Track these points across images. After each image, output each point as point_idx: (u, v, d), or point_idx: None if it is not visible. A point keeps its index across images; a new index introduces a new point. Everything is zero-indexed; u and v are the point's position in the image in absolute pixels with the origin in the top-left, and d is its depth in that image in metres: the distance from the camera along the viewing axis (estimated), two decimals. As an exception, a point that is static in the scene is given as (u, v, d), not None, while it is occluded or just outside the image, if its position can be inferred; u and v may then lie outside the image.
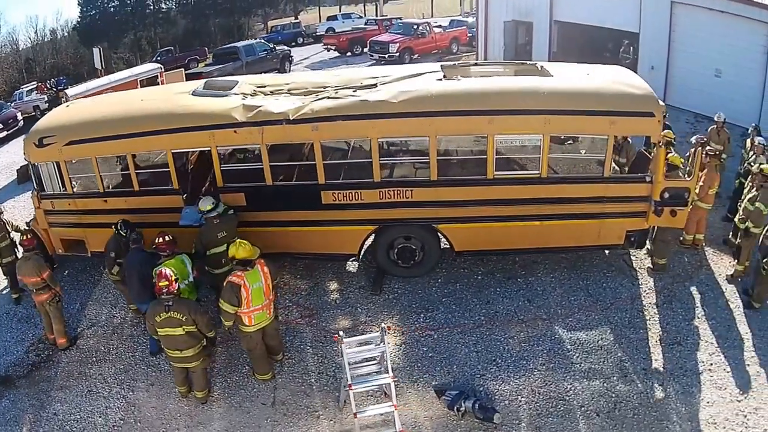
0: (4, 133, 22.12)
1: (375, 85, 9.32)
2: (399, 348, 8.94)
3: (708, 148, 10.59)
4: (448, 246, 9.95)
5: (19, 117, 23.24)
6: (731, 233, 10.85)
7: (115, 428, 7.95)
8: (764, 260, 9.25)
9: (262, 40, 32.70)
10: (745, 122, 13.41)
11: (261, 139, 8.85)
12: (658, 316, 9.59)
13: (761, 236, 9.46)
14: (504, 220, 9.39)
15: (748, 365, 8.81)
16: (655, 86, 16.41)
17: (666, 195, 9.44)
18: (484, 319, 9.41)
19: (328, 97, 9.13)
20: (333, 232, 9.44)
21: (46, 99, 24.47)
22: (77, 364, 8.92)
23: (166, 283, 7.35)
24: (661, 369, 8.70)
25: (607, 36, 18.36)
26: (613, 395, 8.32)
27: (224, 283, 7.63)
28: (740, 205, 10.25)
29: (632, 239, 9.86)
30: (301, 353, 8.90)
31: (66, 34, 48.07)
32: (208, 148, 9.08)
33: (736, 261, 10.40)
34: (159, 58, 34.79)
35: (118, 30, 46.60)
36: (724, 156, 11.92)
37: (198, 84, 10.26)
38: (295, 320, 9.47)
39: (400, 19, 34.85)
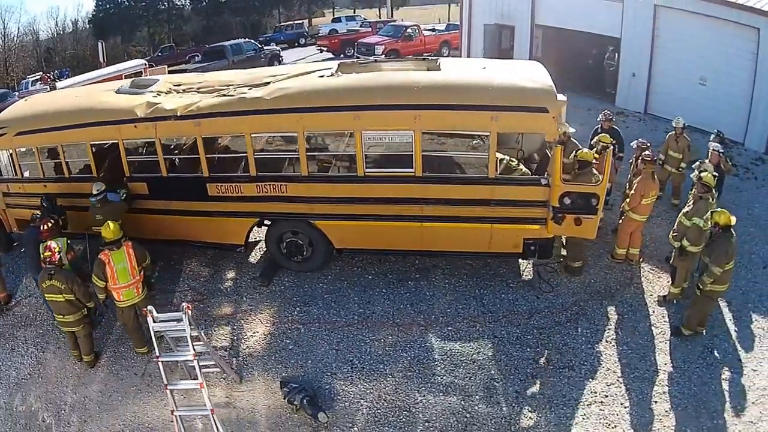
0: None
1: (268, 83, 8.39)
2: (264, 337, 8.03)
3: (645, 153, 8.41)
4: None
5: None
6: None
7: (23, 381, 8.04)
8: (700, 277, 7.21)
9: (251, 40, 30.26)
10: (730, 133, 10.80)
11: (155, 134, 8.33)
12: (556, 335, 7.80)
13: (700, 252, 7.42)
14: (380, 220, 8.11)
15: (656, 402, 6.94)
16: (637, 94, 14.28)
17: (566, 200, 7.60)
18: (356, 319, 8.19)
19: (223, 95, 8.36)
20: (219, 222, 8.69)
21: (48, 89, 23.82)
22: (9, 327, 8.95)
23: (49, 254, 7.37)
24: (538, 394, 7.02)
25: (591, 42, 15.92)
26: (468, 415, 6.86)
27: None
28: None
29: (532, 248, 7.98)
30: (178, 332, 8.20)
31: (87, 25, 46.04)
32: (116, 141, 8.67)
33: (670, 282, 8.08)
34: (160, 54, 34.05)
35: (131, 24, 44.99)
36: (683, 165, 9.52)
37: (125, 83, 9.89)
38: (182, 303, 8.57)
39: (394, 21, 31.76)
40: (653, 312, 8.07)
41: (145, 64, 20.52)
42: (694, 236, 7.55)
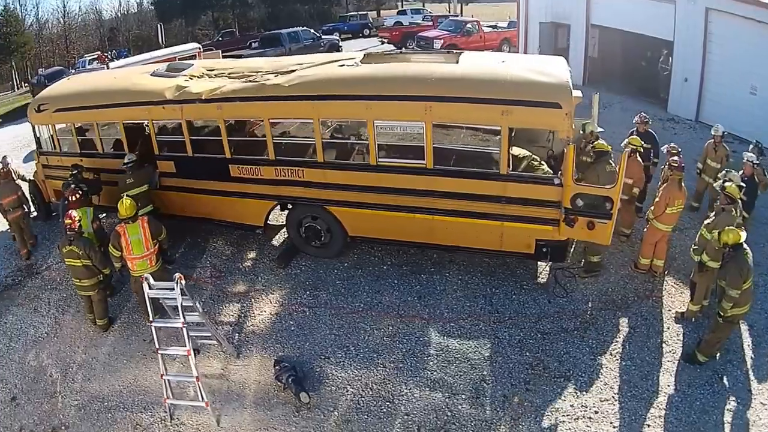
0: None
1: (293, 71, 8.37)
2: (270, 317, 8.05)
3: (673, 158, 7.71)
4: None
5: None
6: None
7: (39, 339, 8.42)
8: (720, 304, 6.47)
9: (308, 29, 29.07)
10: (778, 147, 9.64)
11: (181, 115, 8.53)
12: (560, 342, 7.32)
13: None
14: (392, 210, 7.91)
15: (648, 426, 6.36)
16: (688, 100, 13.35)
17: (578, 202, 7.11)
18: (362, 307, 8.04)
19: (248, 81, 8.41)
20: (240, 203, 8.79)
21: (105, 68, 21.72)
22: (37, 289, 9.43)
23: (69, 221, 7.71)
24: (526, 401, 6.58)
25: (648, 44, 14.83)
26: (449, 413, 6.58)
27: None
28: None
29: (544, 250, 7.54)
30: (190, 304, 8.38)
31: (151, 7, 45.20)
32: (146, 121, 8.97)
33: (690, 299, 7.40)
34: (221, 39, 33.83)
35: (195, 8, 43.85)
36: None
37: (161, 66, 10.09)
38: (203, 278, 8.93)
39: (456, 16, 30.16)
40: (668, 328, 7.40)
41: (199, 48, 20.20)
42: (714, 251, 6.85)
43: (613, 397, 6.52)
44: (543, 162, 8.06)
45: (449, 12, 39.07)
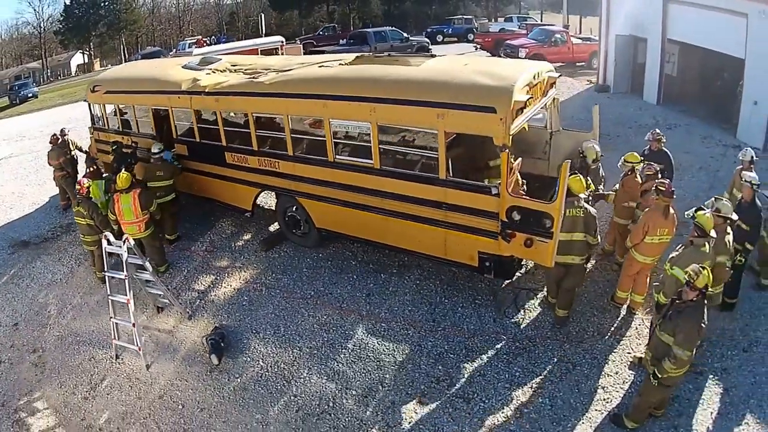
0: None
1: (290, 70, 8.88)
2: (232, 291, 8.60)
3: (661, 181, 6.63)
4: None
5: None
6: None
7: (53, 282, 9.84)
8: (659, 362, 5.33)
9: (397, 29, 28.34)
10: None
11: (190, 105, 9.48)
12: (477, 362, 6.81)
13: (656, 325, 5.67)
14: (348, 206, 8.06)
15: None
16: (757, 126, 11.68)
17: (515, 216, 6.52)
18: (312, 295, 8.26)
19: (247, 77, 9.05)
20: (233, 187, 9.52)
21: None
22: (67, 244, 10.86)
23: (79, 187, 8.88)
24: (413, 413, 6.28)
25: (725, 64, 12.26)
26: (331, 404, 6.63)
27: None
28: None
29: (488, 264, 7.07)
30: (174, 269, 9.23)
31: None
32: (167, 108, 9.91)
33: (646, 344, 6.36)
34: (322, 33, 34.45)
35: (311, 1, 44.35)
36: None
37: (193, 59, 11.08)
38: (198, 251, 9.78)
39: (555, 26, 27.21)
40: (615, 373, 6.43)
41: (282, 41, 20.24)
42: (671, 290, 5.73)
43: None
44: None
45: (565, 23, 36.79)
